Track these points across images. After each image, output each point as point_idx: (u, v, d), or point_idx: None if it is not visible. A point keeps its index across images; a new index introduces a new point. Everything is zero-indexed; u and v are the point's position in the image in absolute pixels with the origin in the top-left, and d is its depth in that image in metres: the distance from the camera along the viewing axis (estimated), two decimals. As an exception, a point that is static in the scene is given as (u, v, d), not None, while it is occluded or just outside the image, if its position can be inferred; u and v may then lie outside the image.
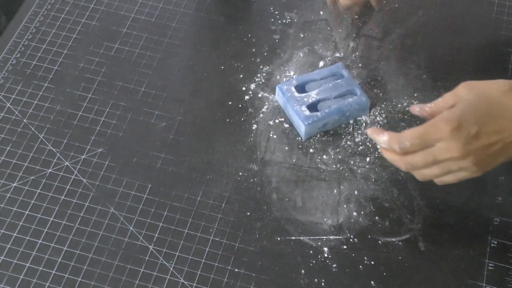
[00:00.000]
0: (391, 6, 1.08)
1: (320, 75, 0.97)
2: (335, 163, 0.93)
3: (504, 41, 1.05)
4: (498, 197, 0.90)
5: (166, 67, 1.01)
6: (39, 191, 0.89)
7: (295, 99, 0.94)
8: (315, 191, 0.90)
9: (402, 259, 0.85)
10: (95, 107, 0.97)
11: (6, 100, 0.97)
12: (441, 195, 0.90)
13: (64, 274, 0.83)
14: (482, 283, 0.84)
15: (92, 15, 1.07)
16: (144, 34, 1.05)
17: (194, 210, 0.89)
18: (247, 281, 0.83)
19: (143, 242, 0.86)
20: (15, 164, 0.92)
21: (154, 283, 0.83)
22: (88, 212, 0.88)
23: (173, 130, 0.95)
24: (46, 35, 1.04)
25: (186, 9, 1.08)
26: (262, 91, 0.99)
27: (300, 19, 1.07)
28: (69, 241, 0.86)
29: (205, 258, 0.85)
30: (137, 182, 0.91)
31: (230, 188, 0.90)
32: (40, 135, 0.94)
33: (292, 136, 0.95)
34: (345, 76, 0.97)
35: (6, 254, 0.85)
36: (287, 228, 0.87)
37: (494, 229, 0.88)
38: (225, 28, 1.06)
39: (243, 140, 0.95)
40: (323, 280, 0.84)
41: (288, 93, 0.94)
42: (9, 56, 1.02)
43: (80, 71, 1.01)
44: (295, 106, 0.93)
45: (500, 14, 1.08)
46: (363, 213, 0.89)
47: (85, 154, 0.93)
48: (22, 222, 0.87)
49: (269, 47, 1.04)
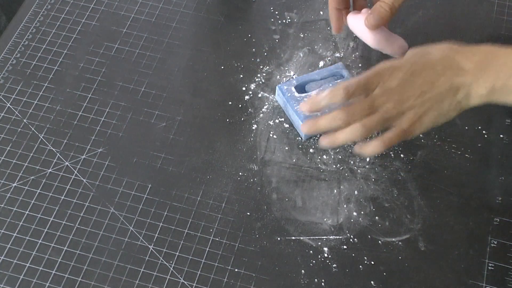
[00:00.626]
0: (391, 6, 1.08)
1: (320, 75, 0.97)
2: (335, 163, 0.93)
3: (504, 41, 1.05)
4: (498, 197, 0.90)
5: (166, 67, 1.01)
6: (39, 191, 0.89)
7: (295, 99, 0.94)
8: (315, 191, 0.90)
9: (402, 259, 0.85)
10: (95, 107, 0.97)
11: (6, 100, 0.97)
12: (441, 195, 0.90)
13: (64, 274, 0.83)
14: (482, 283, 0.84)
15: (92, 15, 1.07)
16: (144, 34, 1.05)
17: (194, 210, 0.89)
18: (247, 281, 0.83)
19: (143, 242, 0.86)
20: (15, 164, 0.92)
21: (154, 283, 0.83)
22: (88, 212, 0.88)
23: (173, 130, 0.95)
24: (46, 35, 1.04)
25: (186, 9, 1.08)
26: (262, 91, 0.99)
27: (300, 19, 1.07)
28: (69, 241, 0.86)
29: (205, 258, 0.85)
30: (137, 182, 0.91)
31: (230, 188, 0.90)
32: (40, 135, 0.94)
33: (292, 136, 0.95)
34: (345, 76, 0.97)
35: (6, 254, 0.85)
36: (287, 228, 0.87)
37: (494, 229, 0.88)
38: (225, 28, 1.06)
39: (243, 140, 0.95)
40: (323, 280, 0.84)
41: (288, 93, 0.94)
42: (9, 56, 1.02)
43: (80, 71, 1.01)
44: (295, 106, 0.93)
45: (500, 14, 1.08)
46: (363, 213, 0.89)
47: (85, 154, 0.93)
48: (22, 222, 0.87)
49: (269, 47, 1.04)
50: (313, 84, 0.96)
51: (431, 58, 0.81)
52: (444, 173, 0.92)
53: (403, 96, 0.79)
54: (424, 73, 0.80)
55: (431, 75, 0.79)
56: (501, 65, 0.78)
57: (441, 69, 0.80)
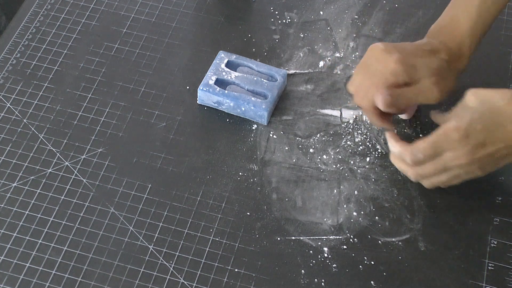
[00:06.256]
0: (391, 6, 1.08)
1: (258, 67, 0.98)
2: (335, 163, 0.93)
3: (504, 41, 1.05)
4: (498, 197, 0.90)
5: (166, 67, 1.01)
6: (39, 191, 0.89)
7: (220, 70, 0.97)
8: (315, 191, 0.90)
9: (402, 259, 0.85)
10: (95, 107, 0.97)
11: (6, 100, 0.97)
12: (441, 195, 0.90)
13: (64, 274, 0.83)
14: (482, 283, 0.84)
15: (92, 15, 1.07)
16: (144, 34, 1.05)
17: (194, 210, 0.89)
18: (247, 281, 0.83)
19: (143, 242, 0.86)
20: (15, 164, 0.92)
21: (154, 283, 0.83)
22: (88, 212, 0.88)
23: (173, 130, 0.95)
24: (46, 35, 1.04)
25: (186, 9, 1.08)
26: (262, 91, 0.99)
27: (300, 19, 1.07)
28: (69, 241, 0.86)
29: (205, 258, 0.85)
30: (137, 182, 0.91)
31: (230, 188, 0.90)
32: (40, 135, 0.94)
33: (292, 136, 0.95)
34: (277, 81, 0.97)
35: (6, 254, 0.85)
36: (287, 228, 0.87)
37: (494, 229, 0.88)
38: (225, 28, 1.06)
39: (243, 140, 0.95)
40: (323, 280, 0.84)
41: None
42: (9, 56, 1.02)
43: (80, 71, 1.01)
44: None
45: (500, 14, 1.07)
46: (363, 213, 0.89)
47: (85, 154, 0.93)
48: (22, 222, 0.87)
49: (269, 47, 1.04)
50: (245, 69, 0.98)
51: (498, 111, 0.80)
52: (444, 173, 0.92)
53: (473, 158, 0.81)
54: (497, 132, 0.80)
55: (506, 132, 0.80)
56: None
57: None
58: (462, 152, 0.80)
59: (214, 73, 0.97)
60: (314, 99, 0.99)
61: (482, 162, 0.81)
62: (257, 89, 0.96)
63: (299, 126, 0.96)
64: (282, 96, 0.98)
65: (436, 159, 0.82)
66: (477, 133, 0.79)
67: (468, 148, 0.80)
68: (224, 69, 0.97)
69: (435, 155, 0.82)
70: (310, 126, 0.96)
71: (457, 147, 0.80)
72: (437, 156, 0.82)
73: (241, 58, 0.99)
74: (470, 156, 0.80)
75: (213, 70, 0.97)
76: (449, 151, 0.81)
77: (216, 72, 0.97)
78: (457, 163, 0.81)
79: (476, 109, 0.81)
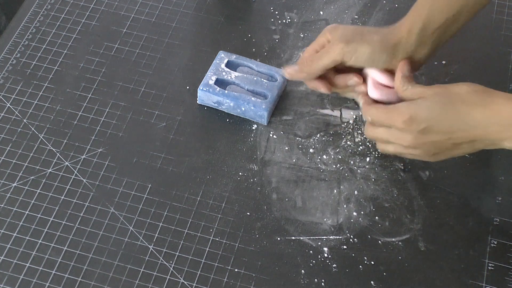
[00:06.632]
0: (391, 6, 1.08)
1: (258, 67, 0.98)
2: (335, 163, 0.93)
3: (504, 41, 1.05)
4: (498, 197, 0.90)
5: (166, 67, 1.01)
6: (39, 191, 0.89)
7: (220, 70, 0.97)
8: (315, 191, 0.90)
9: (402, 259, 0.85)
10: (95, 107, 0.97)
11: (6, 100, 0.97)
12: (441, 195, 0.90)
13: (64, 274, 0.83)
14: (482, 283, 0.84)
15: (92, 15, 1.07)
16: (144, 34, 1.05)
17: (194, 210, 0.89)
18: (247, 281, 0.83)
19: (143, 242, 0.86)
20: (15, 164, 0.92)
21: (154, 283, 0.83)
22: (88, 212, 0.88)
23: (173, 130, 0.95)
24: (46, 35, 1.04)
25: (186, 9, 1.08)
26: (262, 91, 0.99)
27: (300, 19, 1.07)
28: (69, 241, 0.86)
29: (205, 258, 0.85)
30: (137, 182, 0.91)
31: (230, 188, 0.90)
32: (40, 135, 0.94)
33: (292, 136, 0.95)
34: (277, 81, 0.97)
35: (6, 254, 0.85)
36: (287, 228, 0.87)
37: (494, 229, 0.88)
38: (225, 28, 1.06)
39: (243, 140, 0.95)
40: (323, 280, 0.84)
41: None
42: (9, 56, 1.02)
43: (80, 71, 1.01)
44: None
45: (500, 14, 1.08)
46: (363, 213, 0.89)
47: (85, 154, 0.93)
48: (22, 222, 0.87)
49: (269, 47, 1.04)
50: (245, 69, 0.98)
51: (451, 104, 0.81)
52: (444, 173, 0.92)
53: (415, 143, 0.82)
54: (442, 124, 0.81)
55: (452, 125, 0.81)
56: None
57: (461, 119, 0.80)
58: (405, 135, 0.82)
59: (214, 73, 0.97)
60: (314, 99, 0.99)
61: (425, 149, 0.82)
62: (257, 89, 0.96)
63: (299, 126, 0.96)
64: (282, 96, 0.98)
65: (385, 128, 0.83)
66: (420, 121, 0.80)
67: (410, 133, 0.81)
68: (224, 69, 0.97)
69: (384, 125, 0.83)
70: (310, 126, 0.96)
71: (400, 129, 0.82)
72: (386, 127, 0.83)
73: (241, 58, 0.99)
74: (412, 141, 0.82)
75: (213, 70, 0.97)
76: (395, 129, 0.82)
77: (216, 72, 0.97)
78: (400, 143, 0.83)
79: (429, 98, 0.81)
